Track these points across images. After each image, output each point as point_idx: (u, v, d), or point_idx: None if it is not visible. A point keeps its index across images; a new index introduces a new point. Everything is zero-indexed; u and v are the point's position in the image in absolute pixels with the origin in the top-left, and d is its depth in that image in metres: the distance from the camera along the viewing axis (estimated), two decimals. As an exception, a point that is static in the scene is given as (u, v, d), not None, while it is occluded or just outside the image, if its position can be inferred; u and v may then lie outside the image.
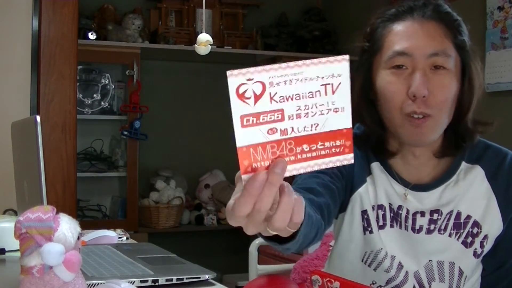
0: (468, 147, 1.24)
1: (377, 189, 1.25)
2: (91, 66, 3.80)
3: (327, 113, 0.68)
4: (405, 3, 1.22)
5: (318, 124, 0.68)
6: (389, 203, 1.24)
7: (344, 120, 0.68)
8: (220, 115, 4.23)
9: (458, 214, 1.22)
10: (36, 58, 2.31)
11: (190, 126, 4.18)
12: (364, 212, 1.25)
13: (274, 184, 0.66)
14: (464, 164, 1.25)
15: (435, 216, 1.22)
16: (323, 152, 0.68)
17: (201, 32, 1.68)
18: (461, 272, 1.22)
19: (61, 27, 2.33)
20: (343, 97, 0.68)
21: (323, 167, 0.69)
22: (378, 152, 1.27)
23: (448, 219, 1.22)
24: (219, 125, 4.26)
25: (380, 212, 1.24)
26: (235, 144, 0.66)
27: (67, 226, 0.91)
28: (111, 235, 1.71)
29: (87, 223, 3.12)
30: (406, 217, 1.23)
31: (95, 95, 3.79)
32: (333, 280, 1.04)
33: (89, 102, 3.76)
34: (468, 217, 1.22)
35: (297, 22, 4.34)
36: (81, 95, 3.69)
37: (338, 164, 0.69)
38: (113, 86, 3.84)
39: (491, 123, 1.23)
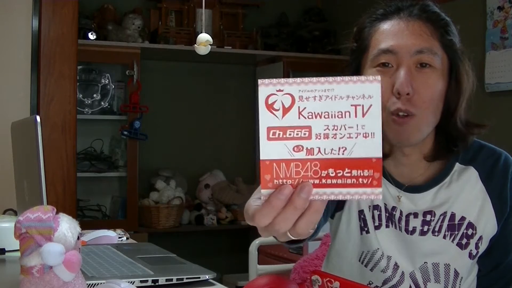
0: (461, 151, 1.22)
1: None
2: (91, 66, 3.80)
3: (356, 137, 0.65)
4: (393, 3, 1.21)
5: (345, 148, 0.65)
6: (384, 203, 1.24)
7: (373, 147, 0.65)
8: (220, 115, 4.25)
9: (452, 216, 1.21)
10: (36, 58, 2.32)
11: (190, 126, 4.18)
12: (361, 212, 1.25)
13: (298, 208, 0.65)
14: (458, 165, 1.24)
15: (428, 217, 1.21)
16: (349, 181, 0.65)
17: (201, 32, 1.68)
18: (456, 274, 1.21)
19: (61, 27, 2.33)
20: (374, 122, 0.65)
21: (348, 197, 0.65)
22: None
23: (442, 221, 1.21)
24: (219, 125, 4.28)
25: (376, 212, 1.24)
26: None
27: (67, 226, 0.91)
28: (111, 235, 1.71)
29: (87, 223, 3.12)
30: (400, 218, 1.23)
31: (95, 95, 3.79)
32: (333, 280, 1.04)
33: (89, 102, 3.76)
34: (463, 218, 1.21)
35: (297, 22, 4.34)
36: (81, 95, 3.69)
37: (364, 197, 0.65)
38: (113, 86, 3.84)
39: (485, 125, 1.21)
